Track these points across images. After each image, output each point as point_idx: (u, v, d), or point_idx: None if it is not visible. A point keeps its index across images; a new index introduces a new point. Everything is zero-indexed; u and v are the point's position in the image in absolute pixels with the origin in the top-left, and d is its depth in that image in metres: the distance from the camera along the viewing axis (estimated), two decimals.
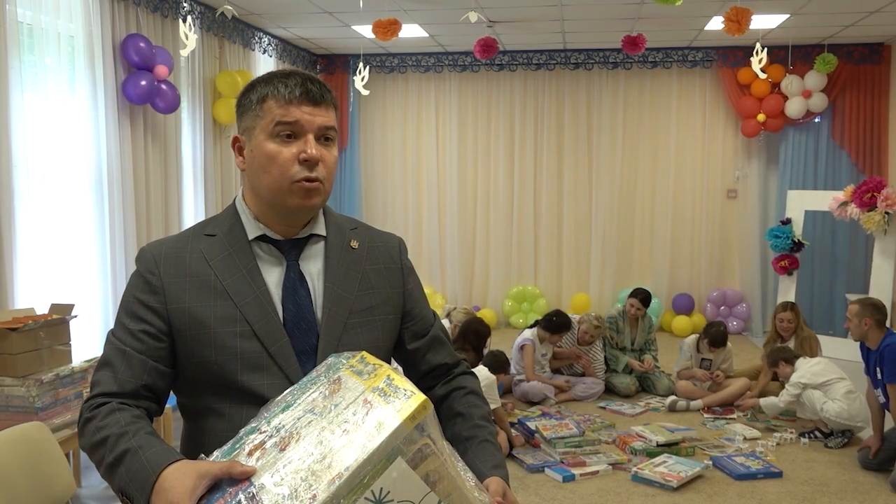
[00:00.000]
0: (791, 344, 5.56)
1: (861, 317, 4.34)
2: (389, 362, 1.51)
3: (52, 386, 3.44)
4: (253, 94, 1.41)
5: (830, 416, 4.64)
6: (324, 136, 1.41)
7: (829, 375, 4.74)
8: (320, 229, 1.50)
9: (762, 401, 4.98)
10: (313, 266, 1.47)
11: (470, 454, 1.41)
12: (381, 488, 1.00)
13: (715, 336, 5.64)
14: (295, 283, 1.44)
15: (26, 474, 2.19)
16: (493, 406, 4.55)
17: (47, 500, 2.22)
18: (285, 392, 1.25)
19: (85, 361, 3.70)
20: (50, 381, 3.43)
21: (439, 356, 1.59)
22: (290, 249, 1.46)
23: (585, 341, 5.88)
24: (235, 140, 1.46)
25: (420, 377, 1.59)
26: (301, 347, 1.40)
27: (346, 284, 1.47)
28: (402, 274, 1.58)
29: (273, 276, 1.44)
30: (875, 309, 4.36)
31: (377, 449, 1.00)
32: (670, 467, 4.16)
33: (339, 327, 1.43)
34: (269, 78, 1.41)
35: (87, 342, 4.76)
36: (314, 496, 0.99)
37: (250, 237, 1.45)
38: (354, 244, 1.53)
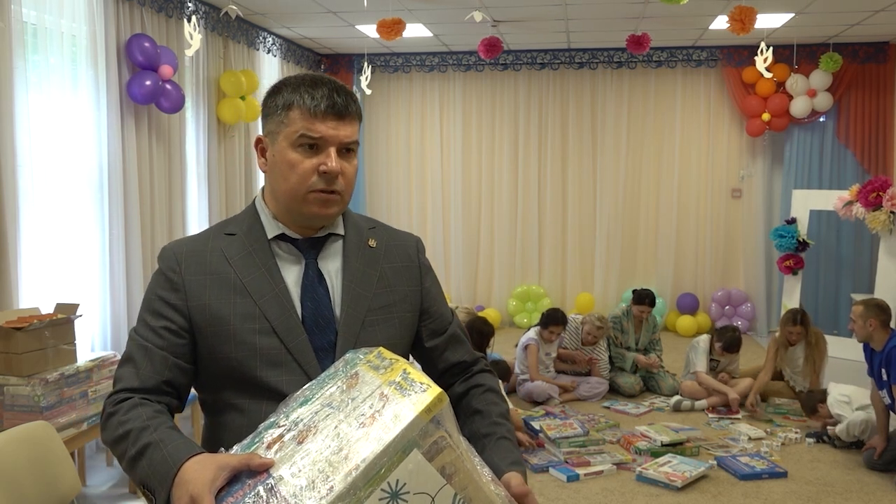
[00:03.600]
0: (799, 348, 5.53)
1: (866, 318, 4.32)
2: (408, 360, 1.51)
3: (57, 385, 3.45)
4: (279, 99, 1.42)
5: (859, 437, 4.56)
6: (345, 149, 1.42)
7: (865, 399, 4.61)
8: (338, 229, 1.52)
9: (838, 430, 4.64)
10: (332, 264, 1.49)
11: (487, 451, 1.42)
12: (398, 480, 1.01)
13: (730, 342, 5.60)
14: (313, 280, 1.46)
15: (32, 473, 2.19)
16: None
17: (52, 498, 2.23)
18: (304, 387, 1.27)
19: (90, 361, 3.71)
20: (55, 381, 3.43)
21: (457, 354, 1.61)
22: (309, 248, 1.48)
23: (589, 342, 5.88)
24: (259, 141, 1.48)
25: (438, 375, 1.60)
26: (319, 344, 1.42)
27: (364, 282, 1.49)
28: (420, 272, 1.59)
29: (292, 275, 1.46)
30: (880, 310, 4.34)
31: (393, 441, 1.01)
32: (675, 467, 4.15)
33: (357, 324, 1.45)
34: (296, 84, 1.41)
35: (92, 342, 4.78)
36: (331, 488, 1.00)
37: (269, 236, 1.47)
38: (372, 243, 1.55)
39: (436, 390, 1.06)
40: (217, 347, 1.40)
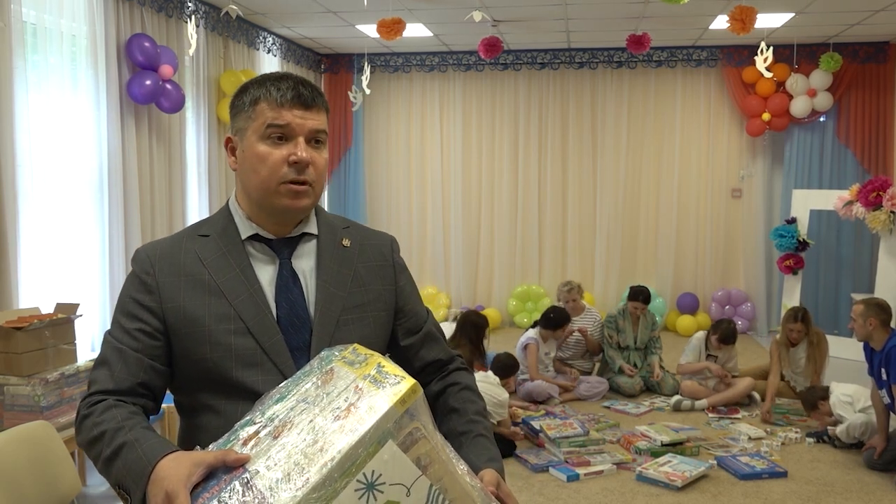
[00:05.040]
0: (801, 348, 5.53)
1: (866, 317, 4.32)
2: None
3: (57, 385, 3.45)
4: (246, 96, 1.44)
5: (860, 438, 4.55)
6: (314, 139, 1.43)
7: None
8: (312, 228, 1.53)
9: (838, 431, 4.62)
10: (305, 264, 1.50)
11: (465, 449, 1.42)
12: (373, 471, 1.02)
13: (725, 333, 5.63)
14: (287, 280, 1.47)
15: (32, 473, 2.19)
16: (500, 418, 4.57)
17: (53, 498, 2.23)
18: (280, 385, 1.27)
19: (90, 361, 3.71)
20: (55, 381, 3.43)
21: (433, 352, 1.61)
22: (283, 248, 1.49)
23: (572, 309, 5.95)
24: (228, 140, 1.50)
25: (415, 374, 1.59)
26: (294, 344, 1.43)
27: (338, 282, 1.50)
28: (395, 271, 1.60)
29: (266, 275, 1.46)
30: (880, 309, 4.34)
31: (368, 432, 1.02)
32: (675, 467, 4.15)
33: (331, 324, 1.46)
34: (261, 80, 1.44)
35: (91, 341, 4.78)
36: (307, 479, 1.00)
37: (243, 237, 1.48)
38: (346, 242, 1.55)
39: (410, 381, 1.07)
40: (192, 349, 1.40)
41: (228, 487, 1.07)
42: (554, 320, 5.63)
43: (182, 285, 1.43)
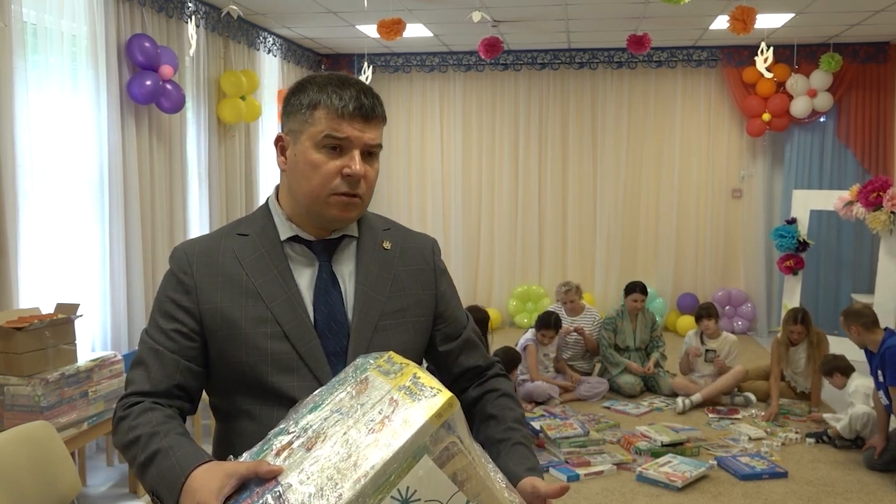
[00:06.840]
0: (802, 348, 5.53)
1: (847, 326, 4.41)
2: (421, 364, 1.50)
3: (57, 385, 3.45)
4: (304, 97, 1.38)
5: (862, 433, 4.56)
6: (368, 152, 1.40)
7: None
8: (353, 230, 1.49)
9: (840, 427, 4.62)
10: (345, 267, 1.47)
11: (503, 456, 1.40)
12: (408, 487, 1.00)
13: (701, 309, 5.80)
14: (326, 284, 1.44)
15: (32, 473, 2.19)
16: None
17: (53, 499, 2.23)
18: (314, 393, 1.25)
19: (90, 361, 3.71)
20: (55, 381, 3.43)
21: (472, 358, 1.58)
22: (322, 250, 1.46)
23: (570, 309, 6.03)
24: (279, 139, 1.45)
25: (453, 379, 1.57)
26: (331, 349, 1.40)
27: (377, 286, 1.46)
28: (435, 275, 1.56)
29: (305, 278, 1.44)
30: (856, 314, 4.39)
31: (403, 447, 0.99)
32: (675, 467, 4.15)
33: (369, 329, 1.43)
34: (322, 84, 1.38)
35: (92, 341, 4.77)
36: (340, 495, 0.98)
37: (282, 238, 1.45)
38: (387, 245, 1.52)
39: (446, 395, 1.04)
40: (228, 351, 1.38)
41: (261, 500, 1.06)
42: (542, 319, 5.68)
43: (219, 286, 1.40)
